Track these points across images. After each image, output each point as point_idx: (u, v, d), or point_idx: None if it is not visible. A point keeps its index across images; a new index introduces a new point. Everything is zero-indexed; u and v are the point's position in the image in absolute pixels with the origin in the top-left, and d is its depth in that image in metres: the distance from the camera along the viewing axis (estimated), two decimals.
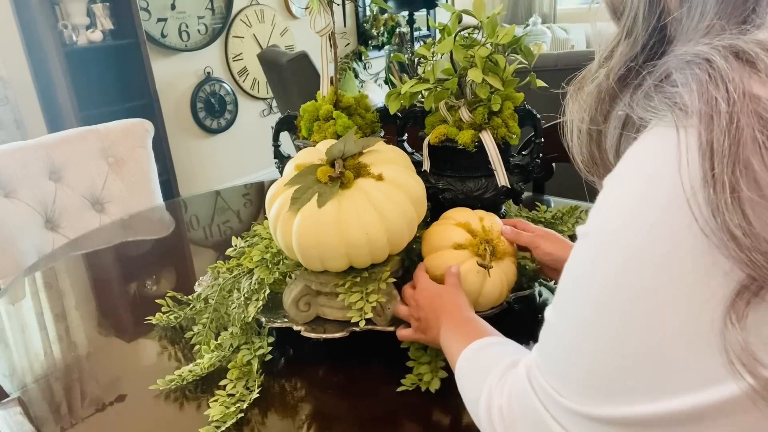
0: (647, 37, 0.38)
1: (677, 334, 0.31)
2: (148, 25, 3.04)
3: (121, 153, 1.65)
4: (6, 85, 2.51)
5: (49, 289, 1.15)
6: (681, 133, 0.31)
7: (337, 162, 0.78)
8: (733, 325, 0.29)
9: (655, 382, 0.32)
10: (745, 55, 0.31)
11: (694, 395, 0.31)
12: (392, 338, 0.80)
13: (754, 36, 0.31)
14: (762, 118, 0.29)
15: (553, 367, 0.40)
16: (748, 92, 0.30)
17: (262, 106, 3.83)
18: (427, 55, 0.93)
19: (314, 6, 0.94)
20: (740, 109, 0.29)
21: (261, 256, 0.89)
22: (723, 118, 0.30)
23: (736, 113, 0.29)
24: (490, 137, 0.91)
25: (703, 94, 0.31)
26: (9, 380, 0.83)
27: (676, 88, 0.32)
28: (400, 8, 3.98)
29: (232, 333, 0.82)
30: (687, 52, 0.33)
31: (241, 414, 0.71)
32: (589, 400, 0.36)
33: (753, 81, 0.30)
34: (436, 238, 0.83)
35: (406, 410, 0.73)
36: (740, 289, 0.29)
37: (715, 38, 0.33)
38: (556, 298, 0.40)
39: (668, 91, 0.33)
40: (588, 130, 0.42)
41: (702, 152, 0.30)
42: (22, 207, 1.46)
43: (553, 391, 0.39)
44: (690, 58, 0.32)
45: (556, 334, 0.40)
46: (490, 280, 0.79)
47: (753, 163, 0.29)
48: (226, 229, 1.40)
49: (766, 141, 0.29)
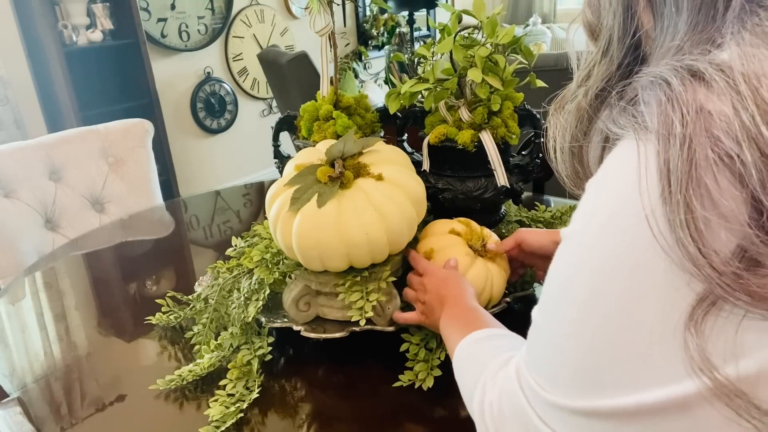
0: (623, 56, 0.40)
1: (647, 336, 0.33)
2: (148, 25, 3.04)
3: (121, 153, 1.65)
4: (6, 85, 2.51)
5: (49, 289, 1.15)
6: (641, 151, 0.33)
7: (337, 162, 0.78)
8: (692, 333, 0.32)
9: (629, 377, 0.34)
10: (700, 74, 0.32)
11: (661, 390, 0.33)
12: (392, 338, 0.80)
13: (714, 56, 0.33)
14: (713, 136, 0.31)
15: (539, 363, 0.41)
16: (703, 109, 0.31)
17: (262, 106, 3.83)
18: (427, 55, 0.93)
19: (314, 6, 0.94)
20: (693, 130, 0.31)
21: (261, 256, 0.89)
22: (678, 138, 0.31)
23: (689, 134, 0.31)
24: (489, 137, 0.91)
25: (660, 114, 0.33)
26: (9, 380, 0.83)
27: (640, 107, 0.34)
28: (400, 8, 3.98)
29: (232, 333, 0.82)
30: (651, 72, 0.35)
31: (240, 414, 0.71)
32: (570, 394, 0.38)
33: (707, 99, 0.31)
34: (435, 228, 0.88)
35: (406, 410, 0.73)
36: (698, 301, 0.31)
37: (678, 57, 0.35)
38: (542, 298, 0.42)
39: (634, 110, 0.35)
40: (570, 147, 0.44)
41: (659, 171, 0.32)
42: (22, 207, 1.46)
43: (538, 387, 0.41)
44: (653, 78, 0.34)
45: (542, 332, 0.42)
46: (475, 268, 0.81)
47: (706, 182, 0.31)
48: (226, 229, 1.40)
49: (717, 159, 0.30)
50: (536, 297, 0.93)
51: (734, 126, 0.30)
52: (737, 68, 0.31)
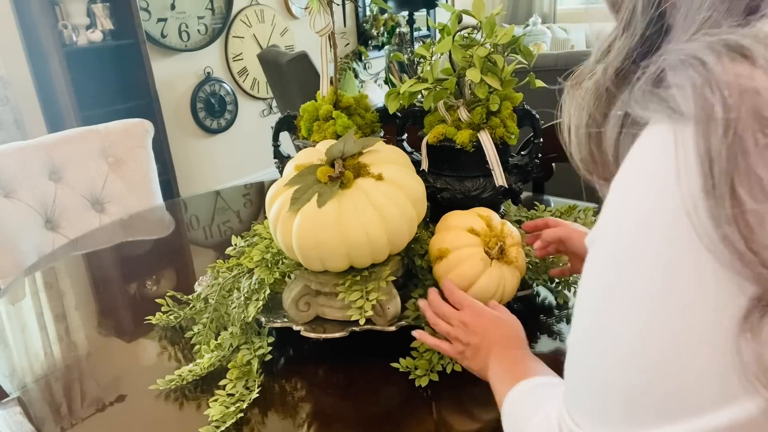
0: (644, 28, 0.36)
1: (693, 348, 0.30)
2: (148, 25, 3.04)
3: (121, 153, 1.65)
4: (6, 85, 2.51)
5: (49, 289, 1.16)
6: (679, 139, 0.30)
7: (337, 162, 0.78)
8: (747, 340, 0.28)
9: (673, 400, 0.31)
10: (741, 50, 0.29)
11: (711, 415, 0.30)
12: (392, 338, 0.80)
13: (756, 29, 0.29)
14: (762, 119, 0.27)
15: (583, 400, 0.38)
16: (747, 88, 0.28)
17: (262, 106, 3.83)
18: (427, 55, 0.93)
19: (314, 6, 0.94)
20: (738, 113, 0.27)
21: (261, 256, 0.89)
22: (720, 123, 0.28)
23: (733, 118, 0.28)
24: (487, 137, 0.91)
25: (697, 98, 0.29)
26: (9, 380, 0.83)
27: (671, 90, 0.31)
28: (400, 8, 3.98)
29: (232, 333, 0.83)
30: (681, 50, 0.31)
31: (240, 414, 0.71)
32: (609, 427, 0.35)
33: (752, 77, 0.28)
34: (454, 220, 0.84)
35: (406, 410, 0.73)
36: (752, 303, 0.28)
37: (713, 31, 0.31)
38: (575, 323, 0.38)
39: (663, 92, 0.31)
40: (587, 128, 0.40)
41: (700, 161, 0.28)
42: (22, 207, 1.46)
43: (575, 426, 0.38)
44: (683, 56, 0.31)
45: (581, 363, 0.38)
46: (489, 272, 0.79)
47: (756, 171, 0.27)
48: (226, 229, 1.41)
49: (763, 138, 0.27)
50: (536, 297, 0.93)
51: None
52: None
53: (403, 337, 0.80)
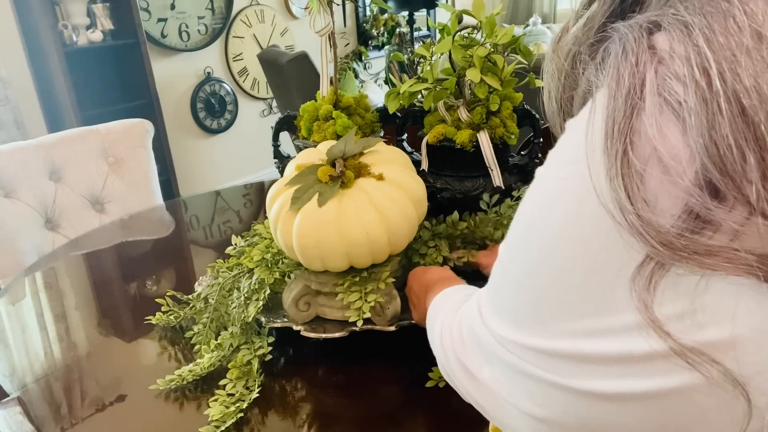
0: None
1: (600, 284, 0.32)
2: (148, 25, 3.04)
3: (121, 153, 1.65)
4: (6, 85, 2.51)
5: (49, 289, 1.16)
6: (597, 102, 0.31)
7: (338, 162, 0.78)
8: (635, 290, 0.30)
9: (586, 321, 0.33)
10: (660, 24, 0.30)
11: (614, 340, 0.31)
12: (392, 338, 0.80)
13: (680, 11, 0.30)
14: (662, 81, 0.28)
15: (502, 300, 0.40)
16: (654, 52, 0.29)
17: (262, 106, 3.83)
18: (427, 55, 0.93)
19: (314, 6, 0.94)
20: (642, 79, 0.29)
21: (261, 255, 0.89)
22: (625, 87, 0.29)
23: (636, 83, 0.29)
24: (486, 137, 0.91)
25: (614, 66, 0.31)
26: (9, 380, 0.84)
27: (608, 60, 0.32)
28: (400, 8, 3.98)
29: (232, 333, 0.83)
30: (624, 24, 0.33)
31: (240, 414, 0.71)
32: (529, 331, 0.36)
33: (661, 43, 0.29)
34: None
35: (406, 410, 0.73)
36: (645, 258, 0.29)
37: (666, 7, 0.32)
38: (509, 235, 0.40)
39: (600, 63, 0.33)
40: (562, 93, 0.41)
41: (605, 121, 0.30)
42: (22, 207, 1.46)
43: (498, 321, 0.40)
44: (621, 31, 0.32)
45: (507, 270, 0.40)
46: None
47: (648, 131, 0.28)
48: (226, 229, 1.41)
49: (664, 104, 0.28)
50: None
51: (683, 69, 0.28)
52: (698, 22, 0.29)
53: (403, 337, 0.80)
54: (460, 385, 0.46)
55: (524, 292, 0.36)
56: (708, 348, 0.29)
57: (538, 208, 0.36)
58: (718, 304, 0.28)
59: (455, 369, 0.46)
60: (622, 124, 0.29)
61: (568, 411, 0.35)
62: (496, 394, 0.41)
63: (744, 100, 0.26)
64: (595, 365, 0.32)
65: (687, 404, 0.30)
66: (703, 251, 0.27)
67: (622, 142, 0.29)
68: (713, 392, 0.29)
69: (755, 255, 0.27)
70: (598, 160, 0.30)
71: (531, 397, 0.37)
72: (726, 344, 0.28)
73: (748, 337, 0.28)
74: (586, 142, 0.31)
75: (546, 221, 0.35)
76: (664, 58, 0.29)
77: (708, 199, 0.27)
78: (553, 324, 0.34)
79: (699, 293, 0.28)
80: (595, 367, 0.32)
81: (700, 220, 0.27)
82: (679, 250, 0.28)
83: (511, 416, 0.39)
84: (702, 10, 0.28)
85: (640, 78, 0.29)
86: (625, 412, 0.32)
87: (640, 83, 0.29)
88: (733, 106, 0.26)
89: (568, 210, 0.33)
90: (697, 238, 0.27)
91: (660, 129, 0.28)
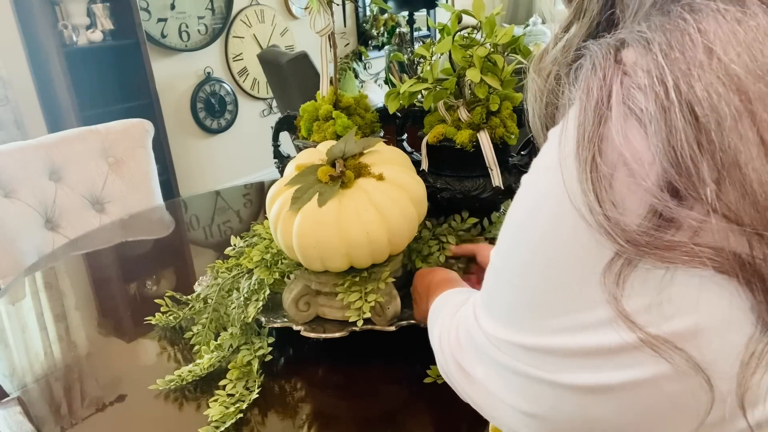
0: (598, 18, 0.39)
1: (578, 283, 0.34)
2: (148, 25, 3.04)
3: (121, 153, 1.65)
4: (6, 85, 2.51)
5: (49, 289, 1.16)
6: (570, 114, 0.34)
7: (338, 162, 0.78)
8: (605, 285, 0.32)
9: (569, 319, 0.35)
10: (626, 42, 0.32)
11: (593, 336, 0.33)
12: (392, 338, 0.80)
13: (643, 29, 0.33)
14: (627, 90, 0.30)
15: (495, 302, 0.42)
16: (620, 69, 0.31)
17: (262, 106, 3.83)
18: (427, 55, 0.93)
19: (314, 6, 0.94)
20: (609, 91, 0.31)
21: (261, 256, 0.89)
22: (593, 98, 0.32)
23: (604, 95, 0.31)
24: (486, 137, 0.91)
25: (584, 80, 0.33)
26: (9, 380, 0.84)
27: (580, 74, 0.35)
28: (400, 8, 3.98)
29: (231, 333, 0.83)
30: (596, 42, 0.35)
31: (240, 414, 0.71)
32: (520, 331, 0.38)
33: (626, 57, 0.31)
34: None
35: (406, 410, 0.73)
36: (615, 255, 0.31)
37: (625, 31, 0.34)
38: (499, 239, 0.42)
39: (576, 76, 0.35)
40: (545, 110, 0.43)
41: (576, 129, 0.32)
42: (22, 207, 1.46)
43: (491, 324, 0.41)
44: (592, 50, 0.34)
45: (498, 273, 0.41)
46: None
47: (614, 137, 0.30)
48: (226, 229, 1.41)
49: (628, 112, 0.30)
50: None
51: (644, 80, 0.30)
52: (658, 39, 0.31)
53: (403, 337, 0.80)
54: (458, 385, 0.48)
55: (515, 293, 0.38)
56: (673, 337, 0.31)
57: (523, 213, 0.38)
58: (682, 296, 0.31)
59: (453, 369, 0.48)
60: (591, 133, 0.31)
61: (555, 406, 0.36)
62: (490, 392, 0.42)
63: (697, 109, 0.28)
64: (576, 359, 0.34)
65: (658, 393, 0.32)
66: (663, 246, 0.30)
67: (591, 149, 0.31)
68: (680, 380, 0.31)
69: (710, 248, 0.29)
70: (570, 166, 0.32)
71: (521, 394, 0.39)
72: (689, 333, 0.31)
73: (709, 326, 0.30)
74: (559, 149, 0.33)
75: (531, 225, 0.37)
76: (628, 71, 0.31)
77: (669, 199, 0.29)
78: (540, 321, 0.36)
79: (665, 286, 0.31)
80: (577, 361, 0.34)
81: (663, 218, 0.30)
82: (642, 246, 0.30)
83: (505, 413, 0.41)
84: (662, 28, 0.31)
85: (607, 90, 0.31)
86: (605, 404, 0.34)
87: (607, 94, 0.31)
88: (688, 115, 0.28)
89: (550, 214, 0.35)
90: (659, 235, 0.30)
91: (625, 135, 0.30)
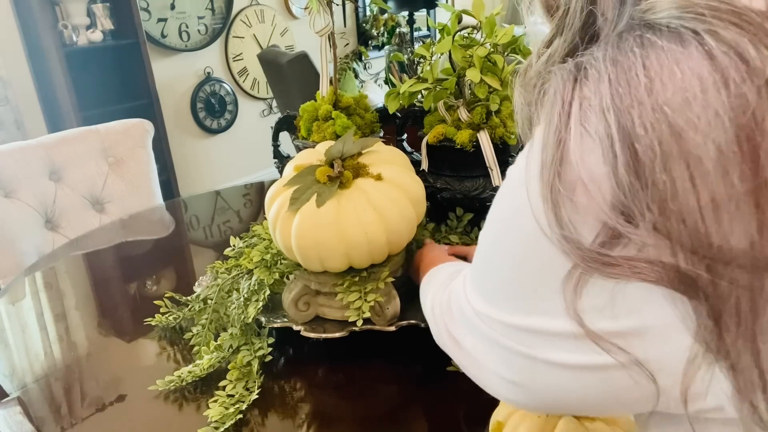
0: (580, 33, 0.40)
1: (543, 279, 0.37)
2: (148, 25, 3.03)
3: (121, 153, 1.65)
4: (6, 85, 2.51)
5: (49, 289, 1.16)
6: (536, 135, 0.36)
7: (336, 162, 0.78)
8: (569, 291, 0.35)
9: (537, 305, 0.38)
10: (582, 66, 0.34)
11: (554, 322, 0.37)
12: (392, 338, 0.80)
13: None
14: (584, 114, 0.32)
15: (478, 279, 0.45)
16: (579, 96, 0.33)
17: (262, 106, 3.83)
18: (427, 55, 0.93)
19: (314, 6, 0.94)
20: (568, 115, 0.33)
21: (261, 256, 0.89)
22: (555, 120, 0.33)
23: (563, 118, 0.33)
24: (486, 137, 0.91)
25: (548, 104, 0.35)
26: (9, 380, 0.84)
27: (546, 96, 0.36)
28: (400, 8, 3.98)
29: (231, 334, 0.83)
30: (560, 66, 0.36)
31: (240, 415, 0.71)
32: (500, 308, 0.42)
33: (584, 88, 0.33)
34: None
35: (406, 410, 0.73)
36: (573, 266, 0.34)
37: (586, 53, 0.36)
38: (485, 224, 0.44)
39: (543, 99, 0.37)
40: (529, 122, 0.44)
41: (541, 150, 0.34)
42: (22, 207, 1.46)
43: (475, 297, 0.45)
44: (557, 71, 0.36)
45: (482, 253, 0.45)
46: None
47: (571, 157, 0.32)
48: (226, 229, 1.41)
49: (584, 133, 0.32)
50: None
51: (596, 105, 0.32)
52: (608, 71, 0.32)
53: (403, 337, 0.80)
54: (449, 351, 0.52)
55: (493, 277, 0.42)
56: (618, 335, 0.34)
57: (504, 204, 0.41)
58: (632, 300, 0.33)
59: (445, 338, 0.52)
60: (552, 155, 0.33)
61: (534, 377, 0.40)
62: (478, 360, 0.46)
63: (636, 145, 0.30)
64: (547, 338, 0.38)
65: (612, 379, 0.36)
66: (610, 264, 0.32)
67: (553, 170, 0.33)
68: (625, 371, 0.34)
69: (650, 263, 0.31)
70: (534, 187, 0.34)
71: (504, 364, 0.42)
72: (635, 332, 0.33)
73: (654, 327, 0.33)
74: (526, 170, 0.36)
75: (506, 231, 0.40)
76: (586, 95, 0.33)
77: (620, 218, 0.31)
78: (517, 302, 0.40)
79: (617, 291, 0.33)
80: (548, 341, 0.38)
81: (615, 236, 0.32)
82: (591, 262, 0.32)
83: (491, 379, 0.45)
84: (614, 59, 0.32)
85: (566, 112, 0.33)
86: (574, 380, 0.38)
87: (566, 116, 0.33)
88: (628, 149, 0.30)
89: (520, 225, 0.38)
90: (607, 251, 0.32)
91: (582, 155, 0.32)
